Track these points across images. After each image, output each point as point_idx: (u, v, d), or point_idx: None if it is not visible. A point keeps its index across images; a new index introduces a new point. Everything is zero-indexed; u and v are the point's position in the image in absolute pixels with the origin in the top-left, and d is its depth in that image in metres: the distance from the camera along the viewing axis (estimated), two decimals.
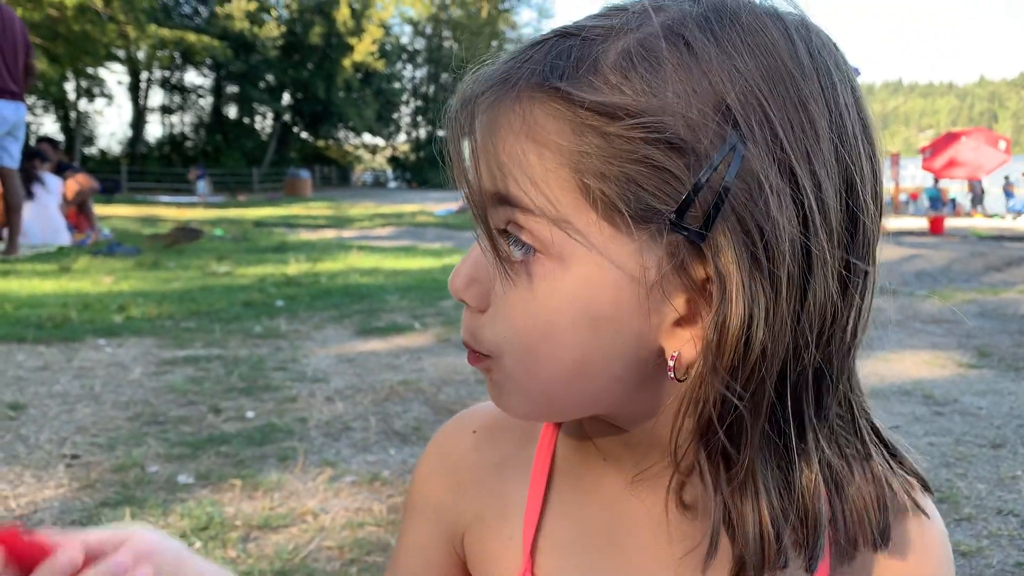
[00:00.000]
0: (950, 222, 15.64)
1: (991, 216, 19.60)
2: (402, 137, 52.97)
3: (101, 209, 12.60)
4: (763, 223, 0.48)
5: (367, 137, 50.57)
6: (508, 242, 0.54)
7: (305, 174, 30.73)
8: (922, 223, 14.45)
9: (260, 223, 13.81)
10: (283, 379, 3.52)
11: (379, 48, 44.26)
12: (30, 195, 8.01)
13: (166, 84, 42.56)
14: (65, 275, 6.36)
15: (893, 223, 14.45)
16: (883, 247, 0.56)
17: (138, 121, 40.81)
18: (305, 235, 11.62)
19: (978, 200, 21.27)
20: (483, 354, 0.58)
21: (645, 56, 0.50)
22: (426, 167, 46.76)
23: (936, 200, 19.97)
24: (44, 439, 2.74)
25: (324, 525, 2.15)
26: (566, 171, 0.50)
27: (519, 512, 0.66)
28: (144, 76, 39.97)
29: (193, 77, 44.68)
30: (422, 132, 51.55)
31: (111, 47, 29.44)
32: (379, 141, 52.04)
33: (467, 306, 0.58)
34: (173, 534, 1.47)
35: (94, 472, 2.47)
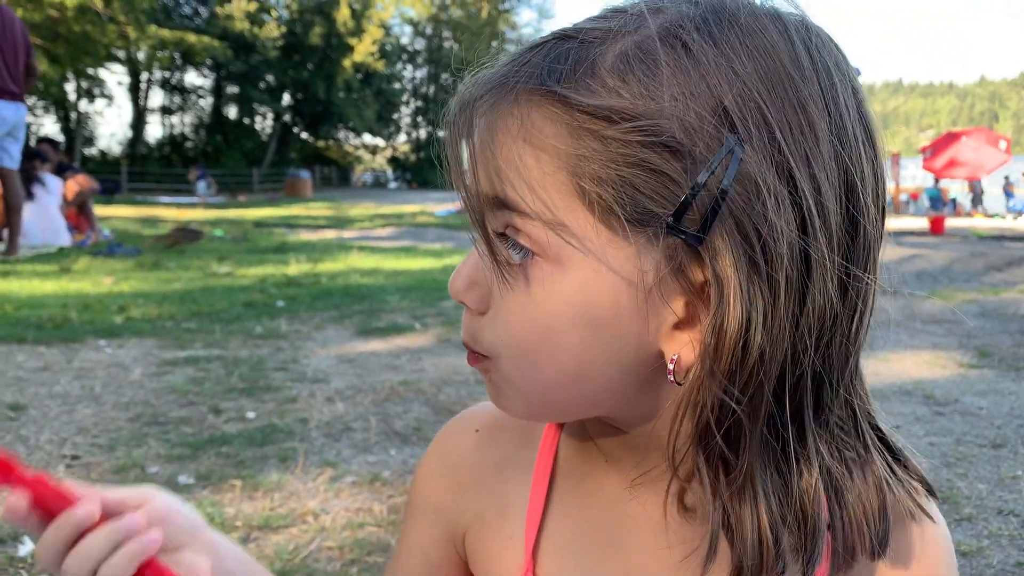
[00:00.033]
0: (950, 222, 15.63)
1: (991, 216, 19.59)
2: (402, 137, 53.02)
3: (101, 210, 12.61)
4: (761, 226, 0.48)
5: (367, 137, 50.63)
6: (506, 245, 0.53)
7: (305, 174, 30.74)
8: (922, 223, 14.45)
9: (260, 224, 13.81)
10: (284, 379, 3.52)
11: (379, 48, 44.27)
12: (30, 196, 8.01)
13: (166, 85, 42.57)
14: (65, 276, 6.36)
15: (893, 223, 14.42)
16: (884, 248, 0.55)
17: (138, 122, 40.82)
18: (305, 235, 11.61)
19: (977, 200, 21.27)
20: (482, 355, 0.58)
21: (642, 59, 0.50)
22: (426, 167, 46.71)
23: (936, 200, 19.96)
24: (44, 440, 2.74)
25: (324, 525, 2.15)
26: (563, 175, 0.50)
27: (520, 512, 0.65)
28: (144, 77, 40.00)
29: (193, 78, 44.79)
30: (422, 132, 51.54)
31: (111, 48, 29.47)
32: (379, 141, 52.06)
33: (467, 308, 0.58)
34: None
35: (94, 473, 2.47)
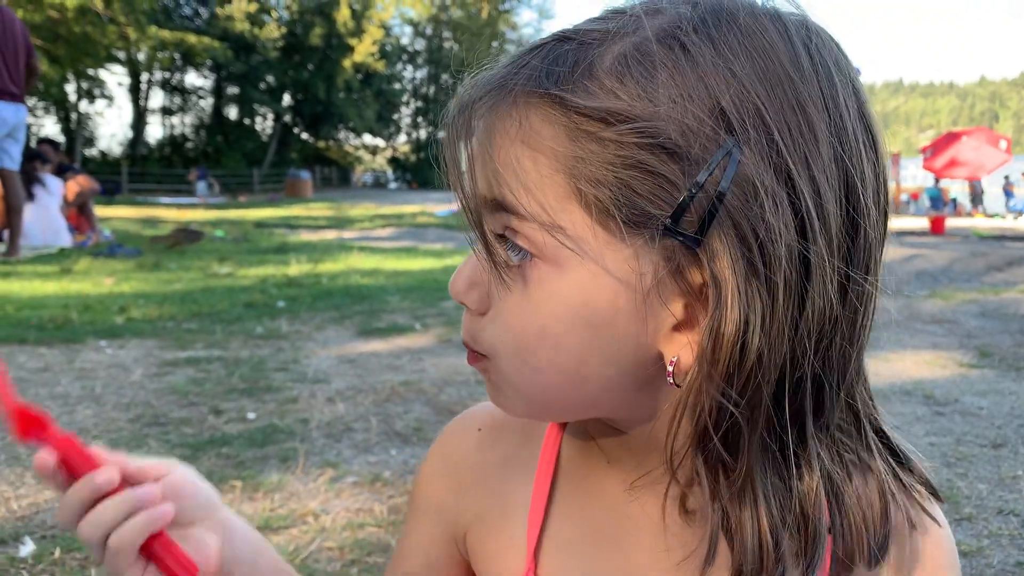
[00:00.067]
0: (951, 222, 15.62)
1: (992, 216, 19.58)
2: (402, 138, 53.06)
3: (102, 210, 12.61)
4: (759, 229, 0.47)
5: (367, 138, 50.68)
6: (505, 247, 0.53)
7: (305, 175, 30.74)
8: (923, 223, 14.44)
9: (261, 224, 13.81)
10: (284, 380, 3.52)
11: (379, 49, 44.30)
12: (31, 197, 8.02)
13: (166, 85, 42.62)
14: (66, 276, 6.36)
15: (894, 223, 14.41)
16: (885, 248, 0.54)
17: (139, 122, 40.84)
18: (306, 236, 11.61)
19: (978, 200, 21.27)
20: (482, 355, 0.58)
21: (640, 61, 0.50)
22: (426, 168, 46.62)
23: (937, 200, 19.95)
24: None
25: (325, 526, 2.15)
26: (561, 177, 0.50)
27: (521, 512, 0.65)
28: (144, 77, 40.04)
29: (193, 78, 44.94)
30: (422, 133, 51.56)
31: (112, 49, 29.49)
32: (379, 142, 52.10)
33: (467, 308, 0.58)
34: None
35: None
